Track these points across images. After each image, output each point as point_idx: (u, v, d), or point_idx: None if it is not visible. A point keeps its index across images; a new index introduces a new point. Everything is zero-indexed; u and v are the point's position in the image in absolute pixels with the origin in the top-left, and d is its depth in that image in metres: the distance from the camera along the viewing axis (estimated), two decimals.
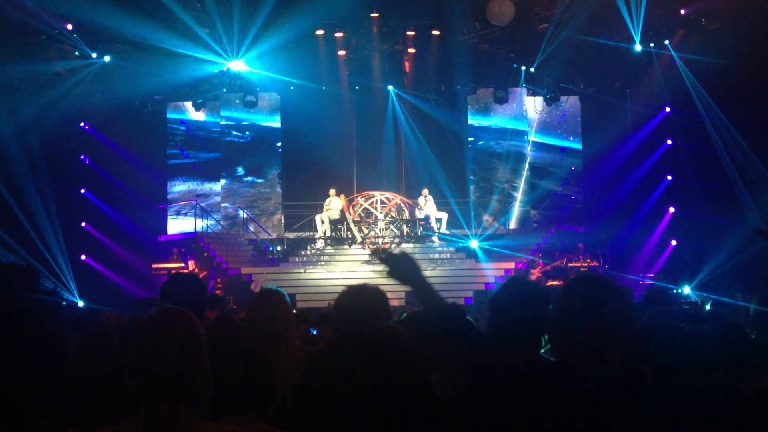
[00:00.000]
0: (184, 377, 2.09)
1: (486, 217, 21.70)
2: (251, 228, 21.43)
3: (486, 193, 21.94)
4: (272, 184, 22.39)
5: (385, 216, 19.40)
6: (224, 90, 21.36)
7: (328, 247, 19.79)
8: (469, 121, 22.19)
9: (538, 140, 22.12)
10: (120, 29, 18.26)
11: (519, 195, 21.83)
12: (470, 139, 22.22)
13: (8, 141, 16.67)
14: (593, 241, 18.86)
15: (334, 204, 19.30)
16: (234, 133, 22.40)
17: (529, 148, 22.01)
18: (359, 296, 2.98)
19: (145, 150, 21.03)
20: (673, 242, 19.55)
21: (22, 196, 17.34)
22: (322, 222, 19.32)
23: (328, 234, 19.29)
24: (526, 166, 21.98)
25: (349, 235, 19.21)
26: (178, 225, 21.70)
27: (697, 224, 18.27)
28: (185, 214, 21.66)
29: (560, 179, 21.88)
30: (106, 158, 20.43)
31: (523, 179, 21.95)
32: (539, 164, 22.04)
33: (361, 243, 19.08)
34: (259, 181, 22.35)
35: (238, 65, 19.49)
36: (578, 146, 21.92)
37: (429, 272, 18.79)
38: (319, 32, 19.40)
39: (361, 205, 19.58)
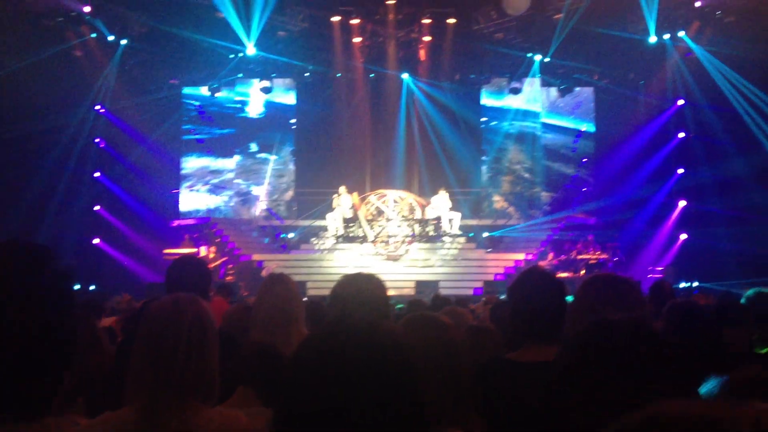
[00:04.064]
0: (189, 367, 2.07)
1: (496, 198, 21.65)
2: (263, 207, 21.53)
3: (498, 174, 21.87)
4: (285, 161, 22.37)
5: (397, 215, 19.22)
6: (240, 75, 21.39)
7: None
8: (483, 101, 22.10)
9: (552, 122, 21.99)
10: (138, 13, 18.35)
11: (531, 176, 21.82)
12: (483, 119, 22.13)
13: (23, 124, 16.78)
14: (603, 233, 18.80)
15: (344, 201, 19.08)
16: (248, 109, 22.42)
17: (541, 129, 21.93)
18: (354, 285, 2.89)
19: (160, 133, 21.01)
20: (683, 236, 19.47)
21: (38, 180, 17.54)
22: (334, 220, 19.14)
23: (341, 233, 19.09)
24: (539, 147, 21.89)
25: (361, 234, 19.03)
26: (191, 201, 21.84)
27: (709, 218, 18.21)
28: (198, 190, 21.84)
29: (572, 161, 21.80)
30: (122, 141, 20.45)
31: (535, 160, 21.88)
32: (552, 146, 21.94)
33: (373, 241, 18.95)
34: (273, 157, 22.35)
35: (253, 51, 19.44)
36: (592, 131, 21.81)
37: (438, 264, 18.81)
38: (335, 18, 19.36)
39: (373, 203, 19.40)
